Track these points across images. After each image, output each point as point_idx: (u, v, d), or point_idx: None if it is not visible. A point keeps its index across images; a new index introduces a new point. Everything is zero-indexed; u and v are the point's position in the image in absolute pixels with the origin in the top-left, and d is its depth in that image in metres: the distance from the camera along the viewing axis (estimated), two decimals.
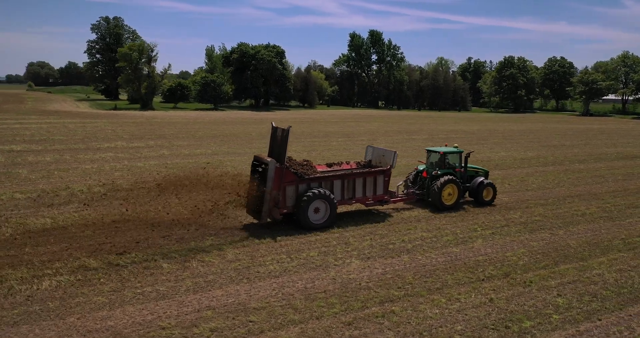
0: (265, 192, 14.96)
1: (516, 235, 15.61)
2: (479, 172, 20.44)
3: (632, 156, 36.46)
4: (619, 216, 18.30)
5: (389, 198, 17.78)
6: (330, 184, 16.16)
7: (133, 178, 22.62)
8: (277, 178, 15.02)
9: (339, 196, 16.38)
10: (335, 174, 16.54)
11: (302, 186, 15.57)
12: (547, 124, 74.22)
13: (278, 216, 15.51)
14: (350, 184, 16.59)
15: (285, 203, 15.36)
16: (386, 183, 17.42)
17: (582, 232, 16.13)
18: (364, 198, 17.00)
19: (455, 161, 19.36)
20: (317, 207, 15.65)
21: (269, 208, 15.17)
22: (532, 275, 12.26)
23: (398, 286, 11.46)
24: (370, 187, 17.03)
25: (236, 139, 40.74)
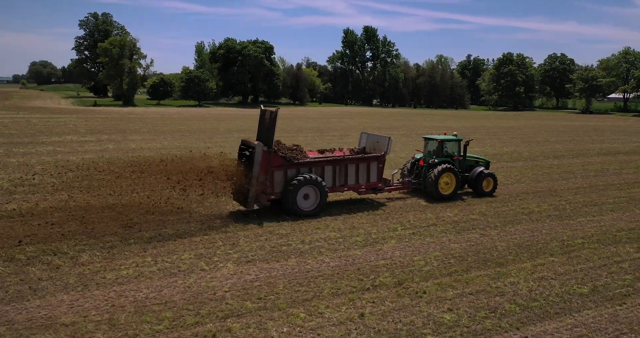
0: (251, 177, 14.26)
1: (439, 236, 13.58)
2: (479, 162, 19.51)
3: (615, 152, 34.17)
4: (570, 215, 16.20)
5: (382, 186, 17.06)
6: (321, 170, 15.52)
7: (56, 171, 20.99)
8: (264, 162, 14.40)
9: (330, 183, 15.72)
10: (327, 160, 15.84)
11: (291, 171, 14.95)
12: (542, 122, 71.76)
13: (265, 203, 14.86)
14: (342, 170, 15.95)
15: (273, 188, 14.77)
16: (380, 170, 16.73)
17: (519, 233, 14.07)
18: (356, 186, 16.33)
19: (453, 150, 18.54)
20: (307, 193, 15.04)
21: (255, 194, 14.46)
22: (430, 284, 10.23)
23: (259, 297, 9.48)
24: (364, 174, 16.37)
25: (199, 134, 38.94)
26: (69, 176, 20.35)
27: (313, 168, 15.40)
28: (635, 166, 27.47)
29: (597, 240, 13.48)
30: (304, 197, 15.03)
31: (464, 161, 18.80)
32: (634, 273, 11.08)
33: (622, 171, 25.90)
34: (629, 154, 33.16)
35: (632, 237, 13.82)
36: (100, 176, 18.92)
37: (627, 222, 15.49)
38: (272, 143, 14.57)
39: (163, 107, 77.80)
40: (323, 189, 15.21)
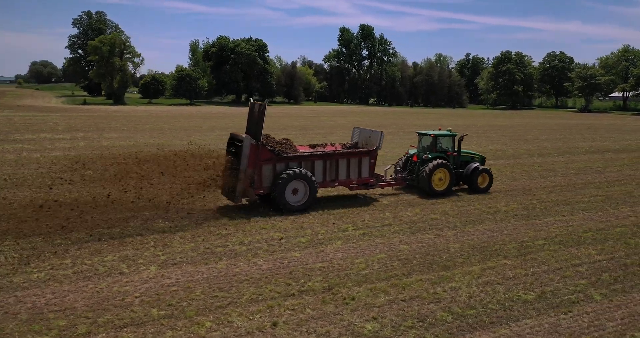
0: (239, 171, 14.07)
1: (390, 237, 12.73)
2: (474, 157, 19.11)
3: (604, 150, 33.23)
4: (538, 215, 15.33)
5: (374, 182, 16.85)
6: (311, 164, 15.27)
7: (9, 170, 20.32)
8: (252, 156, 14.21)
9: (321, 178, 15.49)
10: (316, 154, 15.59)
11: (280, 165, 14.72)
12: (536, 120, 70.77)
13: (253, 197, 14.78)
14: (333, 165, 15.71)
15: (262, 183, 14.55)
16: (372, 165, 16.45)
17: (477, 233, 13.22)
18: (347, 181, 16.14)
19: (448, 145, 18.27)
20: (296, 188, 14.75)
21: (243, 188, 14.25)
22: (362, 289, 9.40)
23: (169, 304, 8.67)
24: (355, 169, 16.12)
25: (179, 131, 38.14)
26: (23, 172, 19.81)
27: (303, 163, 15.11)
28: (620, 164, 26.56)
29: (559, 241, 12.62)
30: (293, 192, 14.73)
31: (459, 157, 18.37)
32: (589, 278, 10.23)
33: (606, 169, 25.00)
34: (618, 152, 32.22)
35: (598, 238, 12.96)
36: (57, 174, 18.33)
37: (597, 222, 14.62)
38: (260, 136, 14.34)
39: (154, 105, 77.14)
40: (313, 184, 14.91)
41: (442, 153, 17.80)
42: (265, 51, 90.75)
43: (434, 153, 17.66)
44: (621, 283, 10.01)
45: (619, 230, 13.76)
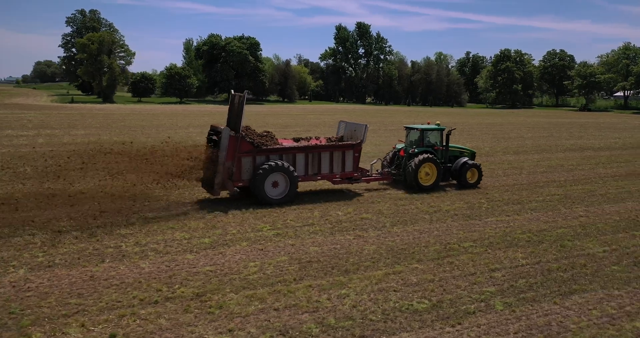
0: (218, 163, 13.84)
1: (305, 238, 11.72)
2: (463, 152, 18.74)
3: (585, 148, 32.01)
4: (481, 215, 14.25)
5: (359, 176, 16.56)
6: (293, 157, 15.07)
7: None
8: (231, 148, 13.99)
9: (303, 171, 15.28)
10: (298, 147, 15.34)
11: (260, 157, 14.53)
12: (530, 119, 69.39)
13: (232, 190, 14.47)
14: (316, 159, 15.49)
15: (241, 175, 14.35)
16: (356, 159, 16.19)
17: (404, 234, 12.18)
18: (330, 175, 15.87)
19: (435, 139, 17.96)
20: (276, 181, 14.58)
21: (222, 181, 14.02)
22: (238, 296, 8.41)
23: (11, 312, 7.70)
24: (338, 163, 15.89)
25: (152, 129, 37.30)
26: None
27: (284, 155, 14.89)
28: (595, 162, 25.37)
29: (488, 244, 11.58)
30: (273, 185, 14.55)
31: (447, 151, 17.98)
32: (502, 285, 9.19)
33: (578, 167, 23.85)
34: (599, 150, 31.00)
35: (533, 240, 11.90)
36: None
37: (541, 223, 13.55)
38: (239, 127, 14.07)
39: (143, 104, 76.51)
40: (293, 177, 14.69)
41: (429, 148, 17.37)
42: (258, 49, 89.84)
43: (420, 147, 17.25)
44: (535, 290, 8.97)
45: (561, 232, 12.68)
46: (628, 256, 10.90)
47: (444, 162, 17.83)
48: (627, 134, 43.88)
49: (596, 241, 11.95)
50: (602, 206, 15.63)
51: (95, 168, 14.18)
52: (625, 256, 10.94)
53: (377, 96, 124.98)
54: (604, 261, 10.60)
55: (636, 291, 9.07)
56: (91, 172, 14.24)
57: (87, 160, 14.50)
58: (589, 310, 8.23)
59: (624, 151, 30.70)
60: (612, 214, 14.67)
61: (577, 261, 10.55)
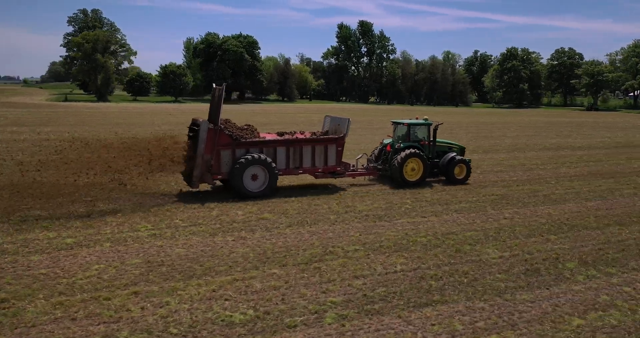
0: (196, 155, 13.86)
1: (178, 239, 10.79)
2: (452, 148, 18.55)
3: (563, 147, 30.52)
4: (394, 216, 13.19)
5: (342, 170, 16.44)
6: (273, 151, 15.05)
7: None
8: (209, 141, 13.98)
9: (284, 165, 15.27)
10: (278, 140, 15.30)
11: (239, 151, 14.50)
12: (528, 118, 67.61)
13: (211, 182, 14.69)
14: (297, 152, 15.45)
15: (220, 168, 14.34)
16: (339, 153, 16.11)
17: (292, 236, 11.22)
18: (313, 169, 15.83)
19: (423, 134, 17.72)
20: (255, 174, 14.59)
21: (200, 173, 14.08)
22: (47, 304, 7.54)
23: None
24: (321, 157, 15.83)
25: (126, 126, 36.88)
26: None
27: (264, 149, 14.86)
28: (563, 162, 23.99)
29: (376, 247, 10.54)
30: (252, 178, 14.55)
31: (434, 147, 17.81)
32: (353, 294, 8.18)
33: (541, 166, 22.54)
34: (576, 150, 29.51)
35: (430, 244, 10.84)
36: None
37: (455, 225, 12.44)
38: (218, 120, 14.12)
39: (137, 103, 76.60)
40: (272, 170, 14.68)
41: (415, 143, 17.15)
42: (256, 48, 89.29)
43: (406, 142, 17.03)
44: (387, 301, 7.94)
45: (469, 235, 11.59)
46: (523, 263, 9.80)
47: (431, 157, 17.56)
48: (621, 134, 42.07)
49: (500, 246, 10.85)
50: (537, 208, 14.45)
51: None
52: (520, 263, 9.84)
53: (381, 96, 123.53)
54: (491, 268, 9.52)
55: (505, 303, 8.00)
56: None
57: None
58: (431, 325, 7.20)
59: (603, 150, 29.19)
60: (542, 216, 13.50)
61: (461, 268, 9.49)
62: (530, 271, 9.40)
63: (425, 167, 16.92)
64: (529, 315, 7.62)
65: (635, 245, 11.17)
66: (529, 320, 7.44)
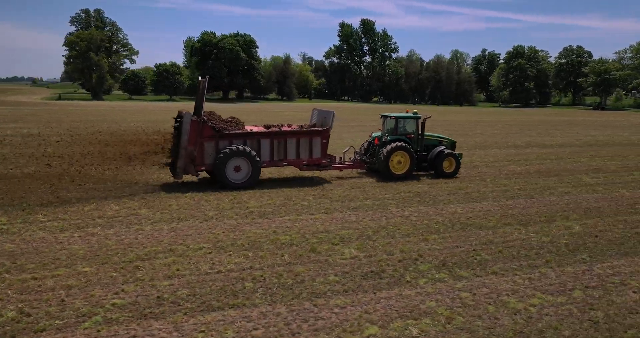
0: (180, 147, 14.20)
1: (55, 231, 10.25)
2: (442, 141, 18.47)
3: (534, 145, 29.30)
4: (279, 213, 12.38)
5: (327, 163, 16.56)
6: (257, 143, 15.25)
7: None
8: (192, 132, 14.26)
9: (268, 157, 15.49)
10: (262, 132, 15.43)
11: (223, 142, 14.73)
12: (523, 117, 65.98)
13: (194, 173, 14.87)
14: (281, 144, 15.61)
15: (204, 159, 14.61)
16: (324, 145, 16.24)
17: (180, 229, 10.56)
18: (297, 160, 16.01)
19: (411, 128, 17.70)
20: (238, 165, 14.84)
21: (184, 164, 14.40)
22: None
23: None
24: (305, 149, 15.99)
25: (98, 123, 36.72)
26: None
27: (248, 141, 15.04)
28: (518, 159, 22.87)
29: (228, 245, 9.77)
30: (235, 169, 14.79)
31: (422, 140, 17.78)
32: (147, 296, 7.40)
33: (490, 164, 21.59)
34: (545, 147, 28.25)
35: (287, 243, 9.96)
36: None
37: (338, 223, 11.55)
38: (201, 112, 14.40)
39: (132, 101, 76.95)
40: (255, 161, 14.89)
41: (403, 136, 17.13)
42: (253, 47, 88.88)
43: (393, 136, 17.04)
44: (179, 304, 7.13)
45: (341, 234, 10.68)
46: (371, 265, 8.89)
47: (419, 151, 17.59)
48: (608, 132, 40.40)
49: (363, 246, 9.95)
50: (445, 206, 13.47)
51: None
52: (368, 264, 8.93)
53: (384, 95, 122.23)
54: (330, 269, 8.65)
55: (310, 309, 7.11)
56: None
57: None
58: (199, 332, 6.40)
59: (571, 148, 27.85)
60: (443, 215, 12.52)
61: (297, 269, 8.64)
62: (371, 274, 8.51)
63: (412, 160, 16.87)
64: (324, 322, 6.76)
65: (518, 246, 10.17)
66: (318, 328, 6.58)
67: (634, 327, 6.83)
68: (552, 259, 9.39)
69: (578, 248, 10.07)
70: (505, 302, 7.46)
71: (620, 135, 37.81)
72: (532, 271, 8.78)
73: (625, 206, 13.80)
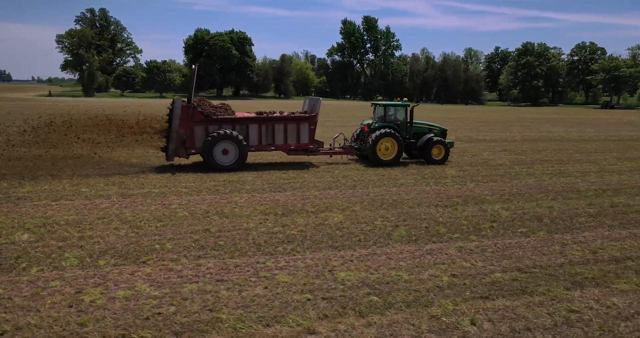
0: (171, 131, 15.24)
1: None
2: (432, 129, 18.79)
3: (491, 140, 28.32)
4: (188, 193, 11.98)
5: (315, 148, 17.16)
6: (245, 128, 16.04)
7: None
8: (183, 117, 15.22)
9: (256, 141, 16.27)
10: (250, 118, 16.21)
11: (212, 127, 15.58)
12: (516, 114, 64.45)
13: (184, 156, 15.79)
14: (269, 130, 16.37)
15: (194, 143, 15.55)
16: (311, 131, 16.90)
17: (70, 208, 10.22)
18: (285, 145, 16.70)
19: (399, 115, 18.08)
20: (226, 148, 15.63)
21: (175, 147, 15.44)
22: None
23: None
24: (293, 135, 16.68)
25: None
26: None
27: (237, 126, 15.83)
28: (458, 152, 22.01)
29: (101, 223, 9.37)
30: (223, 152, 15.58)
31: (411, 127, 18.08)
32: None
33: None
34: (502, 141, 27.26)
35: (128, 221, 9.54)
36: None
37: (182, 205, 11.08)
38: (191, 97, 15.38)
39: (124, 98, 77.73)
40: (242, 145, 15.62)
41: (391, 123, 17.57)
42: (247, 44, 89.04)
43: (381, 123, 17.54)
44: None
45: (181, 215, 10.21)
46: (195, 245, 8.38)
47: (408, 138, 17.92)
48: (591, 129, 38.99)
49: (176, 227, 9.41)
50: (324, 191, 12.84)
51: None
52: (131, 240, 8.42)
53: (387, 94, 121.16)
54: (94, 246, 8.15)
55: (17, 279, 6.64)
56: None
57: None
58: None
59: (528, 143, 26.82)
60: (312, 198, 11.92)
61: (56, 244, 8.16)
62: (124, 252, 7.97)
63: (399, 147, 17.23)
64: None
65: (327, 231, 9.52)
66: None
67: None
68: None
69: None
70: None
71: (597, 132, 36.46)
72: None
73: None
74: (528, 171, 17.07)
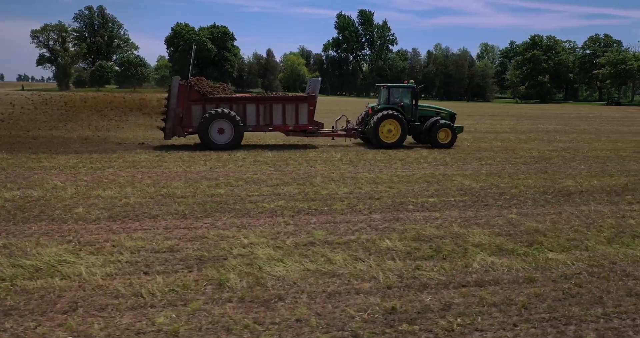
0: (169, 109, 16.52)
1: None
2: (440, 113, 19.43)
3: None
4: None
5: (314, 129, 18.04)
6: (243, 108, 17.11)
7: None
8: (180, 96, 16.41)
9: (254, 122, 17.32)
10: (248, 97, 17.39)
11: (209, 106, 16.70)
12: (514, 110, 66.10)
13: (182, 134, 17.04)
14: (267, 110, 17.35)
15: (191, 122, 16.76)
16: (310, 112, 17.75)
17: None
18: (283, 126, 17.66)
19: (404, 98, 18.84)
20: (221, 127, 16.76)
21: (172, 126, 16.69)
22: None
23: None
24: (292, 115, 17.58)
25: None
26: None
27: (234, 106, 16.94)
28: None
29: None
30: (219, 131, 16.74)
31: (416, 110, 18.83)
32: None
33: None
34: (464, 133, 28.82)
35: None
36: None
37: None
38: (189, 77, 16.71)
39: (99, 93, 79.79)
40: (237, 124, 16.72)
41: (394, 105, 18.29)
42: (228, 39, 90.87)
43: (384, 104, 18.32)
44: None
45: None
46: None
47: (413, 120, 18.64)
48: (575, 123, 40.63)
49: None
50: None
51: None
52: None
53: None
54: None
55: None
56: None
57: None
58: None
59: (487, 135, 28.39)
60: None
61: None
62: None
63: (403, 129, 17.96)
64: None
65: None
66: None
67: None
68: None
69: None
70: None
71: (576, 126, 37.99)
72: None
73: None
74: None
